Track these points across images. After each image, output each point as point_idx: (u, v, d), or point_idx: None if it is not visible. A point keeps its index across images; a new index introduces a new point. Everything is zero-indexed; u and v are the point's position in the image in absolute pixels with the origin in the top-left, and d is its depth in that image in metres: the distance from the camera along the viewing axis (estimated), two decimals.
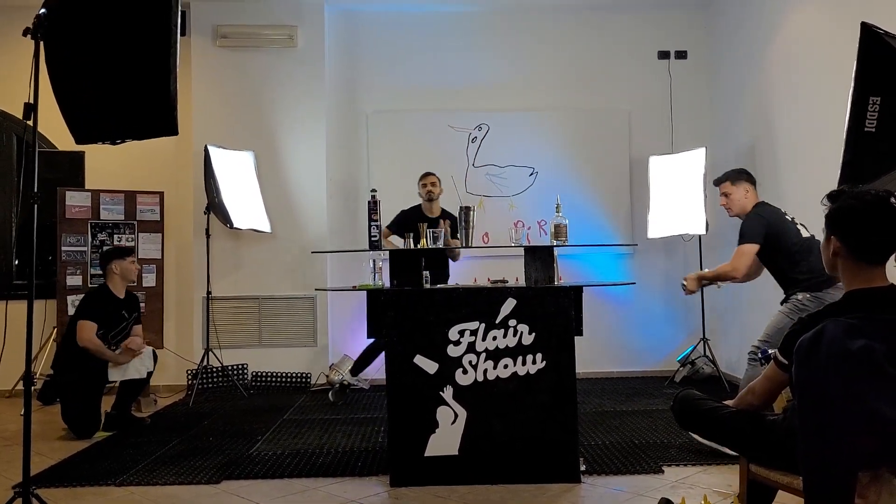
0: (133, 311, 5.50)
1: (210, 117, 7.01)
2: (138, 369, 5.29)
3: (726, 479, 3.83)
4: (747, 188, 4.59)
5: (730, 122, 7.07)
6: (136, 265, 5.54)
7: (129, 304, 5.48)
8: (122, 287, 5.44)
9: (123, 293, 5.44)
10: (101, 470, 4.24)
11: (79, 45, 3.08)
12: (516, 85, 7.46)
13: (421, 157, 7.24)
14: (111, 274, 5.38)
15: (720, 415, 2.56)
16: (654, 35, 7.52)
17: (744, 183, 4.60)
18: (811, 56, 5.44)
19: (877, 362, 2.05)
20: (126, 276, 5.42)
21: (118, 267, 5.37)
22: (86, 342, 5.10)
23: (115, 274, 5.37)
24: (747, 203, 4.56)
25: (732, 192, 4.62)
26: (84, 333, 5.12)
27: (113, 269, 5.37)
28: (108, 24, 3.03)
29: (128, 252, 5.52)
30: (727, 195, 4.65)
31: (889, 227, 2.22)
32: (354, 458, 4.41)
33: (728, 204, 4.66)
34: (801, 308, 4.11)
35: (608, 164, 7.38)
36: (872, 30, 3.30)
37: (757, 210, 4.49)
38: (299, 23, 7.10)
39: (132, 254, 5.56)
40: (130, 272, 5.45)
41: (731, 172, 4.72)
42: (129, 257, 5.45)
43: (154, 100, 3.06)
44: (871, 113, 3.26)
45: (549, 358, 3.89)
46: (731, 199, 4.63)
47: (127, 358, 5.24)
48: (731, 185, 4.63)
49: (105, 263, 5.44)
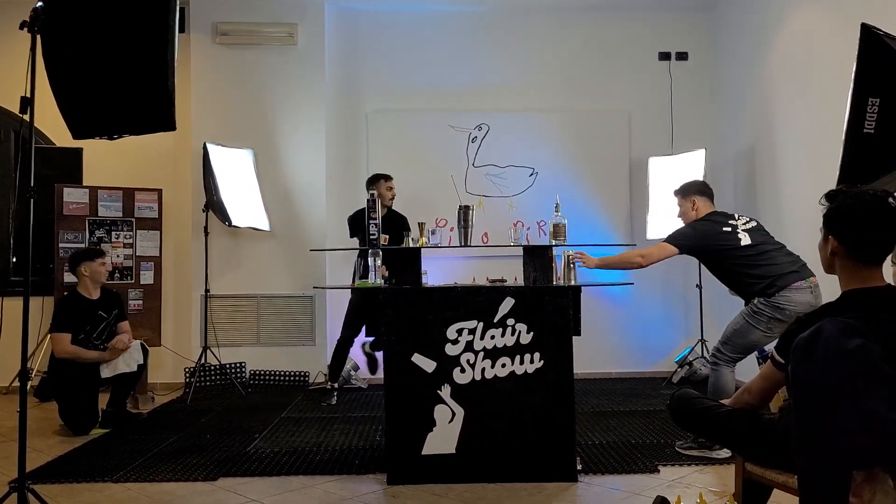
0: (112, 308, 5.46)
1: (209, 115, 7.01)
2: (128, 363, 5.27)
3: (722, 479, 3.83)
4: (695, 201, 4.60)
5: (730, 123, 7.07)
6: (105, 266, 5.46)
7: (105, 302, 5.43)
8: (95, 288, 5.40)
9: (97, 293, 5.41)
10: (98, 466, 4.24)
11: (76, 39, 3.07)
12: (517, 85, 7.46)
13: (421, 156, 7.26)
14: (81, 276, 5.35)
15: (716, 413, 2.56)
16: (655, 36, 7.52)
17: (693, 196, 4.63)
18: (812, 58, 5.44)
19: (873, 362, 2.04)
20: (95, 277, 5.37)
21: (87, 269, 5.34)
22: (61, 354, 5.12)
23: (84, 276, 5.34)
24: (695, 216, 4.60)
25: (681, 204, 4.70)
26: (58, 346, 5.13)
27: (82, 272, 5.34)
28: (105, 19, 3.03)
29: (97, 254, 5.45)
30: (679, 206, 4.73)
31: (887, 227, 2.22)
32: (352, 456, 4.41)
33: (679, 214, 4.73)
34: (757, 312, 4.19)
35: (608, 164, 7.38)
36: (872, 31, 3.30)
37: (694, 223, 4.53)
38: (300, 21, 7.09)
39: (102, 255, 5.47)
40: (100, 274, 5.39)
41: (685, 185, 4.75)
42: (98, 259, 5.39)
43: (152, 95, 3.06)
44: (871, 114, 3.27)
45: (547, 357, 3.89)
46: (681, 211, 4.70)
47: (114, 356, 5.22)
48: (682, 198, 4.70)
49: (74, 266, 5.38)
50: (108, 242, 6.55)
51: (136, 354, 5.36)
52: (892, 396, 2.07)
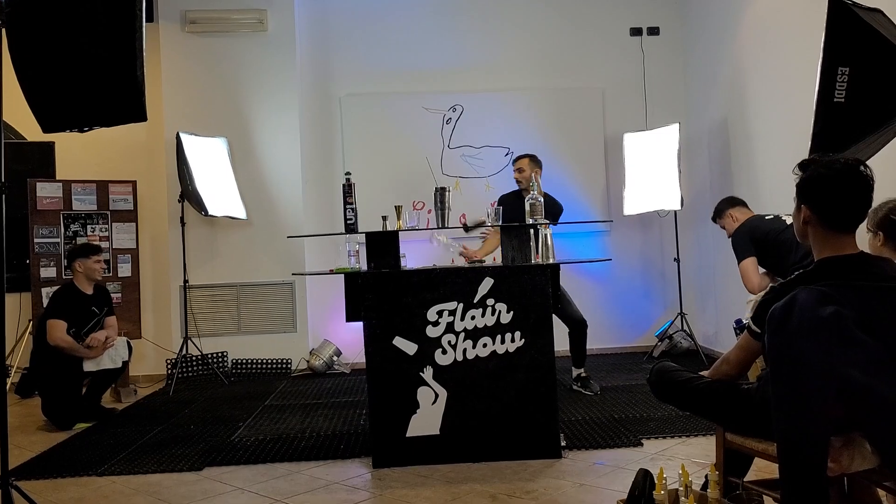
0: (104, 305, 5.46)
1: (181, 104, 6.94)
2: (112, 359, 5.26)
3: (704, 450, 3.88)
4: (732, 213, 4.98)
5: (703, 97, 7.10)
6: (100, 264, 5.45)
7: (98, 298, 5.43)
8: (89, 284, 5.39)
9: (91, 289, 5.40)
10: (82, 460, 4.22)
11: (42, 31, 3.02)
12: (490, 65, 7.45)
13: (395, 139, 7.24)
14: (76, 272, 5.35)
15: (696, 385, 2.59)
16: (626, 12, 7.53)
17: (727, 210, 5.02)
18: (782, 29, 5.47)
19: (847, 328, 2.08)
20: (90, 275, 5.36)
21: (82, 266, 5.33)
22: (56, 340, 5.08)
23: (78, 272, 5.34)
24: (737, 225, 4.87)
25: (724, 224, 5.07)
26: (54, 332, 5.09)
27: (77, 268, 5.33)
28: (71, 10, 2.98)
29: (92, 251, 5.43)
30: (722, 227, 5.12)
31: (859, 194, 2.25)
32: (336, 441, 4.42)
33: (728, 235, 5.00)
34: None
35: (583, 142, 7.40)
36: (840, 1, 3.32)
37: (739, 229, 4.79)
38: (269, 6, 7.02)
39: (98, 252, 5.45)
40: (94, 271, 5.38)
41: (717, 207, 5.16)
42: (93, 256, 5.38)
43: (121, 85, 3.02)
44: (840, 83, 3.30)
45: (528, 336, 3.91)
46: (726, 230, 5.04)
47: (98, 352, 5.20)
48: (720, 220, 5.11)
49: (70, 262, 5.41)
50: (83, 236, 6.49)
51: (122, 351, 5.34)
52: (867, 362, 2.10)
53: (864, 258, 2.28)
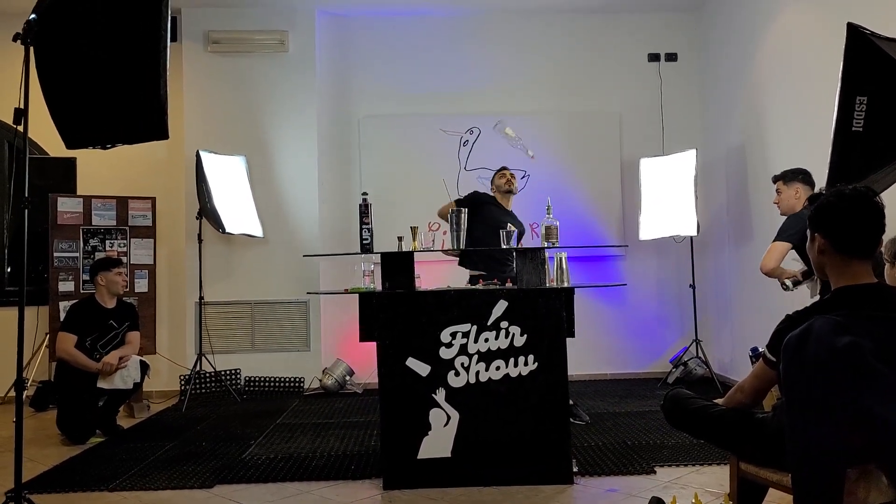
0: (125, 320, 5.46)
1: (202, 123, 7.02)
2: (124, 379, 5.24)
3: (718, 479, 3.84)
4: (798, 189, 4.58)
5: (720, 123, 7.10)
6: (123, 277, 5.48)
7: (120, 313, 5.45)
8: (111, 298, 5.42)
9: (113, 303, 5.43)
10: (94, 475, 4.23)
11: (69, 51, 3.08)
12: (507, 88, 7.49)
13: (412, 160, 7.28)
14: (98, 285, 5.38)
15: (710, 413, 2.57)
16: (644, 38, 7.56)
17: (796, 184, 4.61)
18: (800, 57, 5.47)
19: (863, 359, 2.06)
20: (112, 288, 5.39)
21: (104, 279, 5.36)
22: (61, 353, 5.12)
23: (101, 285, 5.37)
24: (797, 204, 4.56)
25: (783, 191, 4.66)
26: (60, 345, 5.15)
27: (99, 281, 5.37)
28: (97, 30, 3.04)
29: (114, 263, 5.47)
30: (779, 192, 4.71)
31: (871, 218, 2.25)
32: (348, 461, 4.41)
33: (778, 202, 4.70)
34: None
35: (600, 166, 7.41)
36: (858, 30, 3.33)
37: (800, 212, 4.45)
38: (290, 28, 7.11)
39: (119, 265, 5.49)
40: (116, 284, 5.40)
41: (787, 172, 4.72)
42: (115, 269, 5.41)
43: (144, 104, 3.07)
44: (858, 112, 3.29)
45: (541, 359, 3.90)
46: (781, 197, 4.67)
47: (104, 370, 5.16)
48: (784, 185, 4.67)
49: (92, 275, 5.45)
50: (102, 251, 6.54)
51: (134, 372, 5.31)
52: (883, 393, 2.08)
53: (880, 288, 2.27)
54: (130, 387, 5.32)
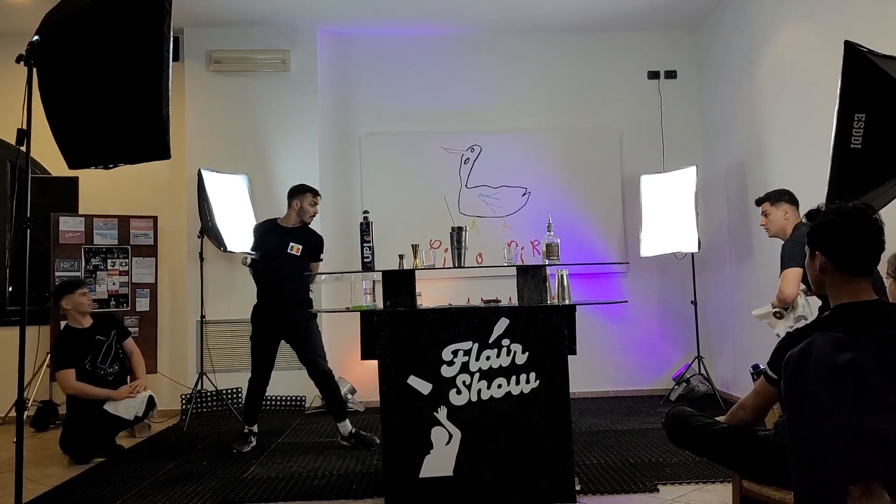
0: (110, 330, 5.46)
1: (203, 141, 7.05)
2: (128, 409, 5.26)
3: (721, 497, 3.83)
4: (786, 209, 4.56)
5: (720, 140, 7.12)
6: (87, 297, 5.44)
7: (100, 326, 5.44)
8: (83, 316, 5.40)
9: (89, 321, 5.42)
10: (95, 496, 4.22)
11: (71, 71, 3.10)
12: (508, 106, 7.52)
13: (414, 178, 7.30)
14: (65, 311, 5.37)
15: (712, 431, 2.57)
16: (644, 56, 7.60)
17: (784, 204, 4.57)
18: (799, 74, 5.50)
19: (864, 375, 2.06)
20: (79, 308, 5.36)
21: (69, 302, 5.35)
22: (69, 390, 5.16)
23: (68, 309, 5.36)
24: (787, 224, 4.54)
25: (772, 212, 4.61)
26: (62, 384, 5.18)
27: (64, 305, 5.35)
28: (100, 51, 3.06)
29: (77, 286, 5.44)
30: (766, 215, 4.66)
31: (870, 235, 2.26)
32: (349, 480, 4.39)
33: (766, 224, 4.67)
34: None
35: (600, 183, 7.43)
36: (856, 48, 3.35)
37: (793, 235, 4.42)
38: (292, 47, 7.15)
39: (81, 286, 5.45)
40: (81, 305, 5.38)
41: (772, 193, 4.70)
42: (78, 290, 5.39)
43: (146, 124, 3.08)
44: (857, 129, 3.31)
45: (543, 377, 3.90)
46: (770, 219, 4.63)
47: (119, 396, 5.22)
48: (771, 206, 4.62)
49: (56, 302, 5.41)
50: (103, 270, 6.55)
51: (139, 406, 5.31)
52: (885, 410, 2.08)
53: (881, 305, 2.26)
54: (131, 418, 5.32)
